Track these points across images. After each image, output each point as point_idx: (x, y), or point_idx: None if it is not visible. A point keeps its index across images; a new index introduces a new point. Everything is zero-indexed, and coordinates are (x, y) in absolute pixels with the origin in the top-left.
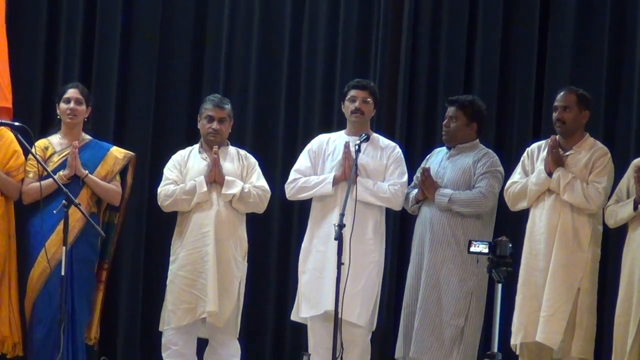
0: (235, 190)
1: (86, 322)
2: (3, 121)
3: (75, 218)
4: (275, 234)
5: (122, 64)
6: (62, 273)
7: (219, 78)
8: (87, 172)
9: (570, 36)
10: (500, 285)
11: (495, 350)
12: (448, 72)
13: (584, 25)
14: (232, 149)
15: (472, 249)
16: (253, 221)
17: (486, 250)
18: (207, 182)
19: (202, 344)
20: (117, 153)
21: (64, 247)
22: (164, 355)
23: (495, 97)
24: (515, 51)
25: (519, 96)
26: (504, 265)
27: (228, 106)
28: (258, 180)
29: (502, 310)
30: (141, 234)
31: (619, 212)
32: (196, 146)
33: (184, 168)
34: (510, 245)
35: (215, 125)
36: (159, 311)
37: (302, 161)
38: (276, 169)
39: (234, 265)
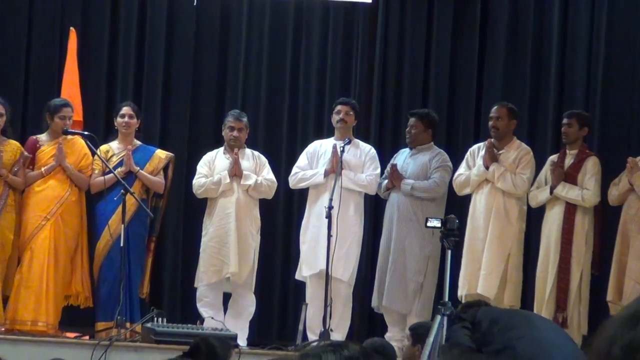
0: (251, 181)
1: (139, 281)
2: (76, 131)
3: (131, 203)
4: (281, 215)
5: (164, 87)
6: (121, 244)
7: (237, 98)
8: (138, 168)
9: (501, 63)
10: (449, 251)
11: (447, 299)
12: (410, 92)
13: (512, 53)
14: (248, 151)
15: (429, 224)
16: (264, 205)
17: (439, 225)
18: (230, 175)
19: (226, 297)
20: (161, 154)
21: (122, 225)
22: (198, 305)
23: (446, 110)
24: (460, 74)
25: (463, 109)
26: (452, 236)
27: (245, 119)
28: (268, 175)
29: (451, 270)
30: (180, 215)
31: (539, 196)
32: (221, 149)
33: (212, 165)
34: (457, 221)
35: (235, 133)
36: (194, 272)
37: (301, 160)
38: (281, 166)
39: (250, 237)
